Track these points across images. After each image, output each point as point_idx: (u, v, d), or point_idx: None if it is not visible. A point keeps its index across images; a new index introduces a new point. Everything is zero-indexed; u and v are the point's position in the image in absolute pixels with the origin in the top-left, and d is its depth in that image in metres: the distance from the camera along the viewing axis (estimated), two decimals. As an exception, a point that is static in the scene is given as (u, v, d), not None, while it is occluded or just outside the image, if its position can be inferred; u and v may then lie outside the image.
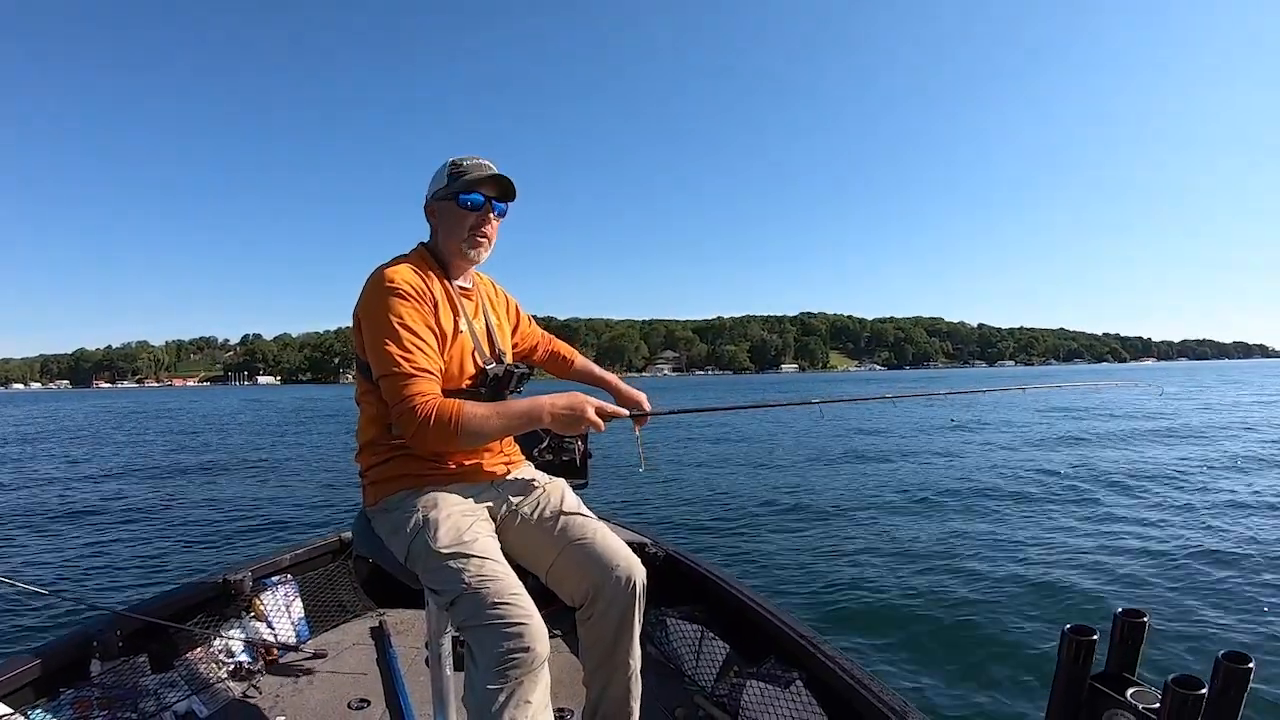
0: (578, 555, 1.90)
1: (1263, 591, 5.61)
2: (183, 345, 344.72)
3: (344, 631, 3.02)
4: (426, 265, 1.93)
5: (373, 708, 2.42)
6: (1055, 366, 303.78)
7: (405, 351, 1.73)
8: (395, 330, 1.75)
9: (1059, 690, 1.20)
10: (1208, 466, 12.53)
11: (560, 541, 1.93)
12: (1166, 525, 8.11)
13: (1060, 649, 1.19)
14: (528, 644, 1.55)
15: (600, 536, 1.94)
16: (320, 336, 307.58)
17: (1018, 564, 6.54)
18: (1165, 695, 1.03)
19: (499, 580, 1.63)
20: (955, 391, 3.16)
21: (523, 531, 1.97)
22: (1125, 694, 1.13)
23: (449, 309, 1.91)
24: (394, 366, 1.72)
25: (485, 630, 1.56)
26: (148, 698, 2.26)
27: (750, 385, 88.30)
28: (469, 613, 1.60)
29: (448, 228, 1.95)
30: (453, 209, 1.93)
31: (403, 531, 1.79)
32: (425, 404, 1.70)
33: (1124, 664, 1.18)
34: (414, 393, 1.70)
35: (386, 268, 1.85)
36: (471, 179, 1.91)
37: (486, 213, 1.94)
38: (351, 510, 1.97)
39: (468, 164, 1.93)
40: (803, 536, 7.79)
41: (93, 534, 8.18)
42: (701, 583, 2.81)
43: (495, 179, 1.94)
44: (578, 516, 1.99)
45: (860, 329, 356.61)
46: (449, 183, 1.92)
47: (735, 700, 2.36)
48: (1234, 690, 0.98)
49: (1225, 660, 0.99)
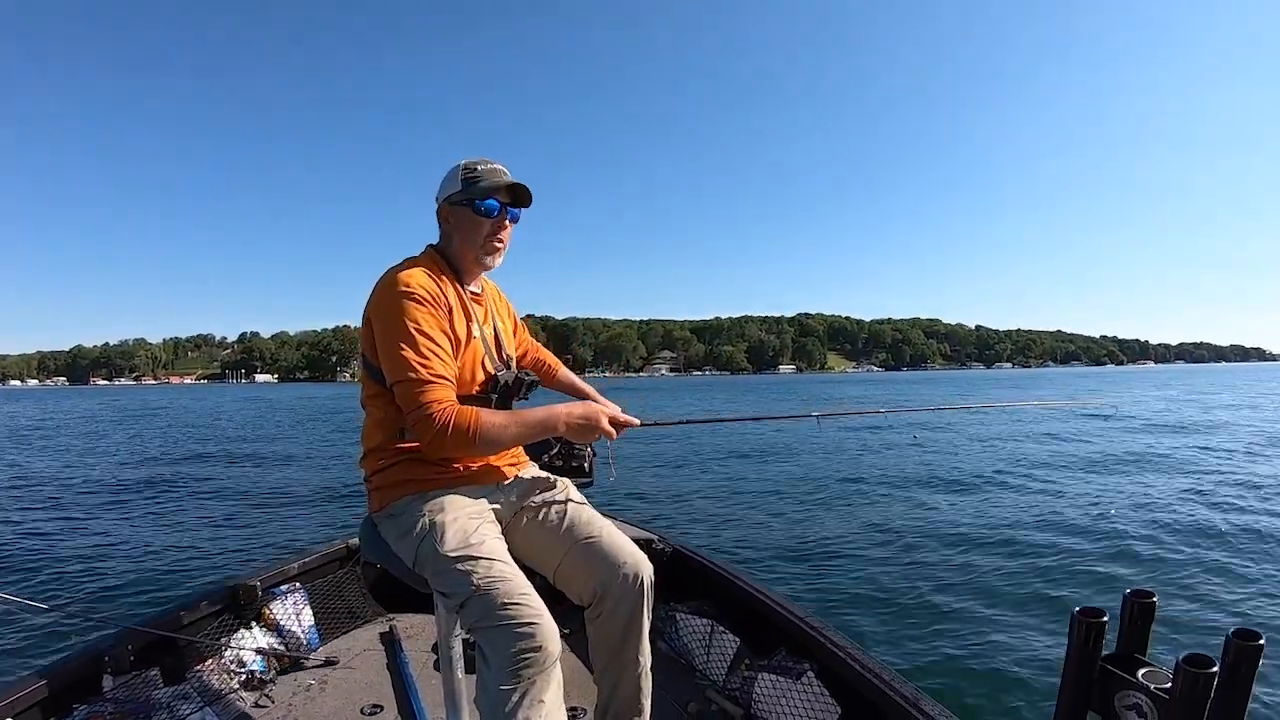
0: (584, 554, 1.90)
1: (1271, 569, 5.68)
2: (180, 343, 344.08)
3: (354, 638, 3.02)
4: (439, 269, 1.91)
5: (385, 713, 2.43)
6: (1052, 369, 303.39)
7: (422, 358, 1.72)
8: (411, 335, 1.73)
9: (1070, 672, 1.20)
10: (1213, 451, 12.66)
11: (567, 541, 1.92)
12: (1173, 507, 8.27)
13: (1070, 631, 1.19)
14: (539, 643, 1.55)
15: (607, 535, 1.94)
16: (318, 335, 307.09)
17: (1025, 549, 6.61)
18: (1177, 675, 1.03)
19: (508, 581, 1.63)
20: (905, 410, 3.18)
21: (529, 532, 1.97)
22: (1137, 674, 1.13)
23: (462, 315, 1.89)
24: (410, 372, 1.70)
25: (497, 631, 1.56)
26: (161, 711, 2.26)
27: (748, 386, 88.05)
28: (479, 614, 1.60)
29: (463, 234, 1.93)
30: (468, 215, 1.90)
31: (410, 536, 1.78)
32: (443, 411, 1.69)
33: (1135, 645, 1.18)
34: (431, 399, 1.70)
35: (400, 270, 1.82)
36: (487, 185, 1.90)
37: (503, 220, 1.93)
38: (359, 515, 1.99)
39: (482, 169, 1.91)
40: (808, 528, 7.82)
41: (99, 547, 8.11)
42: (709, 577, 2.82)
43: (511, 187, 1.92)
44: (584, 516, 1.99)
45: (858, 330, 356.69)
46: (463, 187, 1.90)
47: (747, 693, 2.37)
48: (1245, 668, 0.99)
49: (1236, 638, 0.99)
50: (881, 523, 8.03)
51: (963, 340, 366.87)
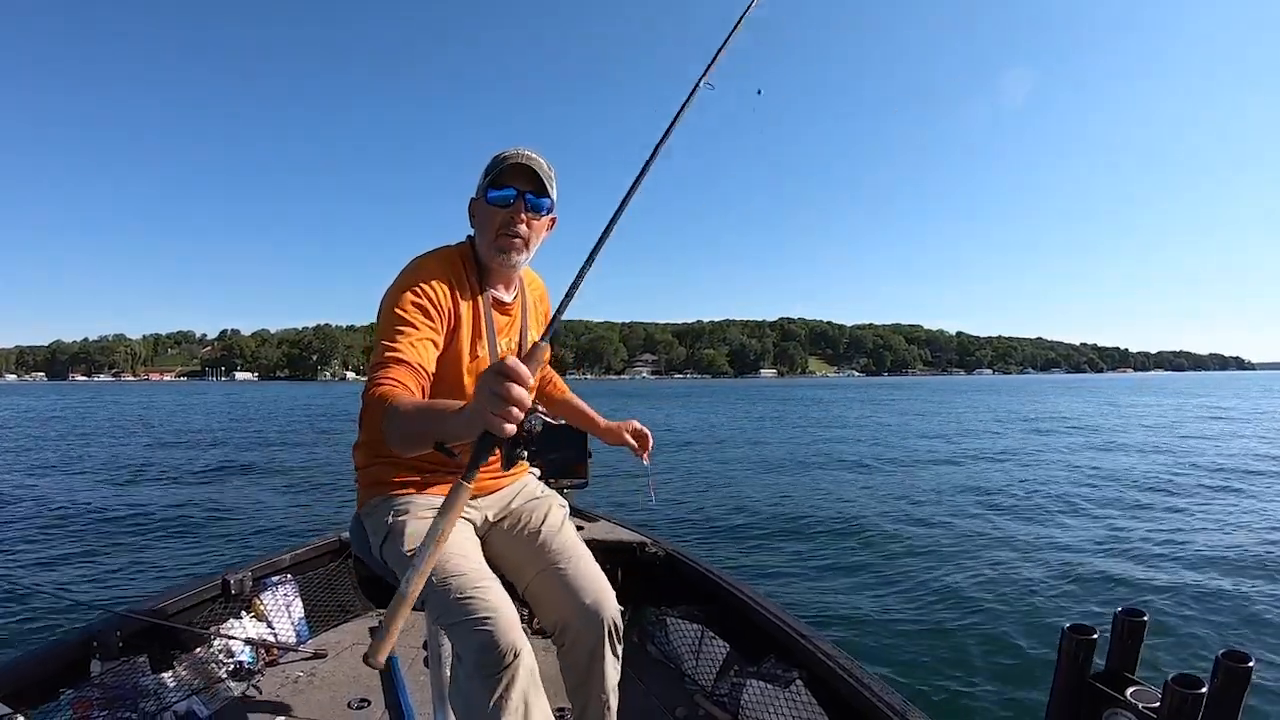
0: (549, 584, 1.81)
1: (1261, 591, 5.70)
2: (160, 339, 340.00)
3: (344, 631, 3.03)
4: (460, 266, 1.82)
5: (373, 707, 2.43)
6: (1033, 375, 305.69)
7: (392, 341, 1.60)
8: (392, 329, 1.63)
9: (1059, 689, 1.21)
10: (1205, 471, 12.76)
11: (536, 565, 1.84)
12: (1165, 525, 8.30)
13: (1060, 648, 1.20)
14: (497, 636, 1.49)
15: (574, 566, 1.82)
16: (299, 333, 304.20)
17: (1017, 564, 6.63)
18: (1165, 694, 1.04)
19: (464, 574, 1.58)
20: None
21: (502, 548, 1.91)
22: (1125, 693, 1.13)
23: (469, 324, 1.79)
24: (380, 354, 1.60)
25: (457, 626, 1.53)
26: (148, 698, 2.26)
27: (729, 390, 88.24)
28: (439, 610, 1.57)
29: (479, 228, 1.85)
30: (483, 207, 1.81)
31: (380, 533, 1.77)
32: (376, 385, 1.52)
33: (1124, 663, 1.19)
34: (380, 375, 1.54)
35: (415, 260, 1.78)
36: (500, 170, 1.78)
37: (517, 208, 1.78)
38: (351, 509, 1.98)
39: (502, 155, 1.79)
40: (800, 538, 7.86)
41: (92, 534, 8.08)
42: (701, 582, 2.82)
43: (521, 168, 1.77)
44: (557, 542, 1.88)
45: (839, 335, 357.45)
46: (483, 177, 1.81)
47: (735, 700, 2.38)
48: (1234, 689, 0.99)
49: (1225, 659, 1.00)
50: (875, 534, 8.05)
51: (944, 346, 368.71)
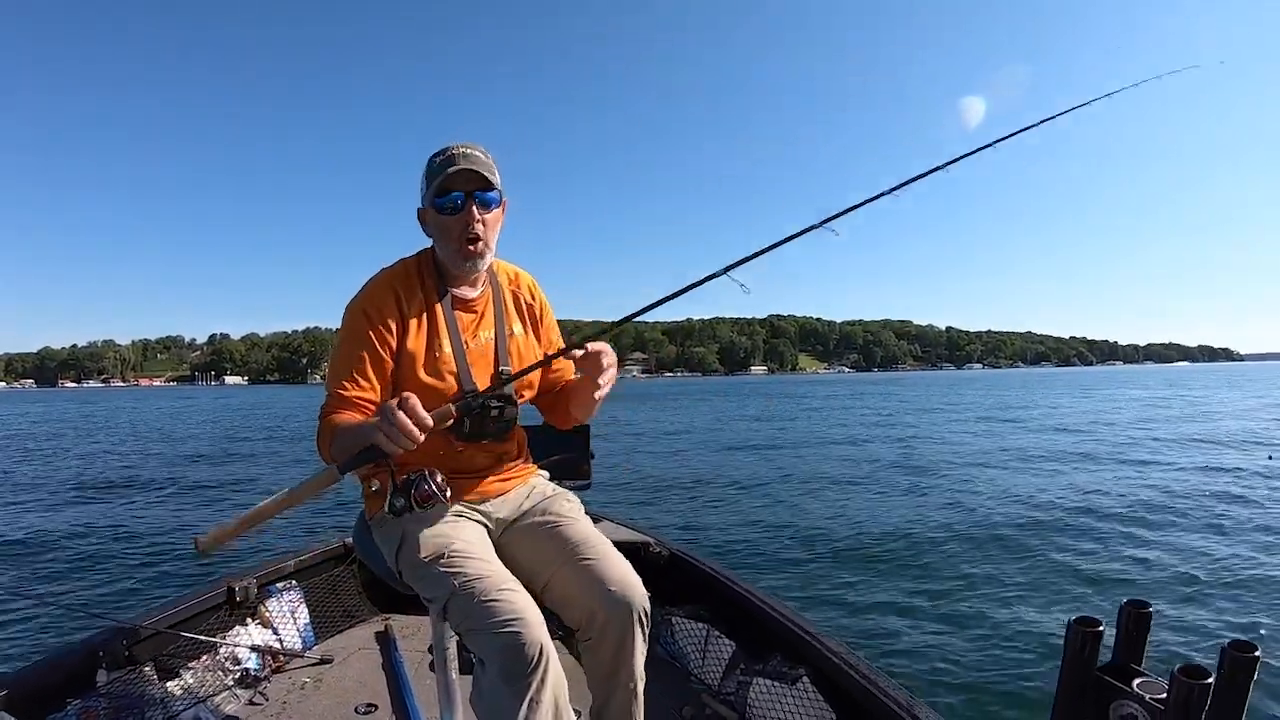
0: (574, 576, 1.75)
1: (1267, 580, 5.72)
2: (149, 344, 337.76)
3: (350, 637, 3.01)
4: (415, 275, 1.82)
5: (379, 713, 2.42)
6: (1022, 369, 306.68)
7: (336, 375, 1.74)
8: (339, 348, 1.77)
9: (1065, 681, 1.22)
10: (1208, 462, 12.81)
11: (558, 560, 1.78)
12: (1170, 517, 8.29)
13: (1066, 640, 1.21)
14: (524, 639, 1.47)
15: (598, 556, 1.77)
16: (288, 337, 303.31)
17: (1021, 557, 6.64)
18: (1172, 685, 1.04)
19: (486, 578, 1.57)
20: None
21: (520, 549, 1.85)
22: (1132, 684, 1.14)
23: (425, 326, 1.79)
24: (330, 386, 1.74)
25: (481, 632, 1.51)
26: (155, 707, 2.26)
27: (720, 387, 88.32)
28: (461, 615, 1.55)
29: (435, 236, 1.82)
30: (435, 217, 1.78)
31: (393, 540, 1.73)
32: (323, 418, 1.71)
33: (1130, 654, 1.19)
34: (325, 412, 1.72)
35: (371, 278, 1.82)
36: (443, 176, 1.72)
37: (469, 212, 1.74)
38: (353, 512, 1.98)
39: (439, 160, 1.75)
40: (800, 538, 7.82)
41: (95, 544, 8.03)
42: (706, 581, 2.82)
43: (464, 172, 1.73)
44: (576, 535, 1.82)
45: (829, 331, 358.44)
46: (425, 186, 1.77)
47: (742, 698, 2.38)
48: (1240, 679, 1.01)
49: (1231, 649, 1.02)
50: (875, 525, 8.09)
51: (934, 341, 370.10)
